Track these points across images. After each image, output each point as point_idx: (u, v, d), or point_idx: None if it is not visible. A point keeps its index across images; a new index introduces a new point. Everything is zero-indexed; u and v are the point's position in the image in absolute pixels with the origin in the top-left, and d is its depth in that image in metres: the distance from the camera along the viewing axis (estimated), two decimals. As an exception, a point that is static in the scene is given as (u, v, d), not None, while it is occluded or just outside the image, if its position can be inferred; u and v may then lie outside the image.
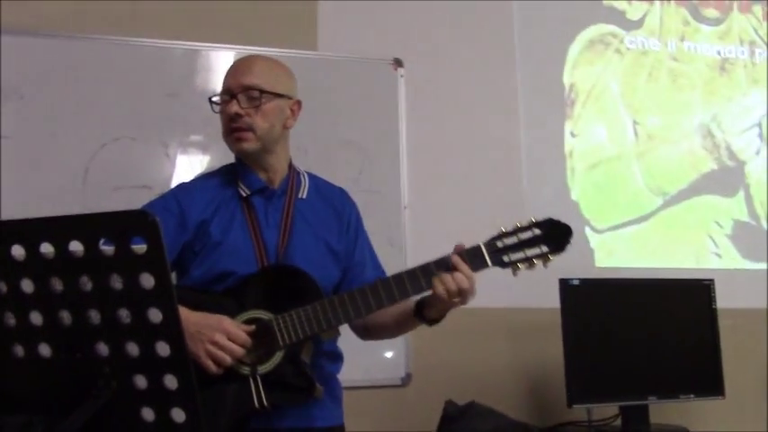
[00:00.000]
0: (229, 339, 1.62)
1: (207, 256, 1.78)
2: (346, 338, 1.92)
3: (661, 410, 2.80)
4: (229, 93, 1.81)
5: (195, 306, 1.65)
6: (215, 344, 1.60)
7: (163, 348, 0.99)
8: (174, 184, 2.27)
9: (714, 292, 2.83)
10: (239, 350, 1.63)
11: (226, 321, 1.64)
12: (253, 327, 1.67)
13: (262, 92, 1.79)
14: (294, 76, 1.91)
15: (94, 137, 2.70)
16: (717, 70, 3.50)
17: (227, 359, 1.61)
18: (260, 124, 1.79)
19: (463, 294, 1.68)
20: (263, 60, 1.87)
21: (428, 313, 1.75)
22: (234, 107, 1.78)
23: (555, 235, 1.73)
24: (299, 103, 1.90)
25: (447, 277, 1.67)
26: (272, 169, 1.86)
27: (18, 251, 1.00)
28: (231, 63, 1.90)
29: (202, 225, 1.79)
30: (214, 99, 1.86)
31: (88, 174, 2.67)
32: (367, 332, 1.94)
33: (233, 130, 1.80)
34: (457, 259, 1.69)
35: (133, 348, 1.01)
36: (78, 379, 1.02)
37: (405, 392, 2.85)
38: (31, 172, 2.62)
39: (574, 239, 1.79)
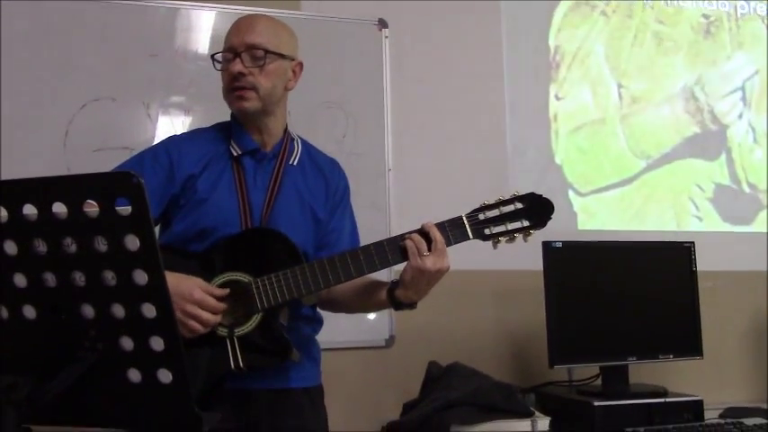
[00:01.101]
0: (201, 308, 1.62)
1: (190, 212, 1.77)
2: (331, 301, 1.93)
3: (640, 370, 2.84)
4: (233, 51, 1.78)
5: (172, 268, 1.64)
6: (186, 314, 1.60)
7: (149, 310, 0.99)
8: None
9: (694, 255, 2.85)
10: (211, 318, 1.63)
11: (197, 291, 1.63)
12: (227, 290, 1.67)
13: (266, 52, 1.77)
14: (296, 36, 1.89)
15: (74, 98, 2.66)
16: (701, 33, 3.50)
17: (199, 328, 1.62)
18: (263, 84, 1.78)
19: (437, 254, 1.68)
20: (267, 19, 1.85)
21: (399, 294, 1.74)
22: (237, 66, 1.76)
23: (537, 209, 1.75)
24: (300, 64, 1.89)
25: (414, 234, 1.70)
26: (268, 132, 1.85)
27: (0, 213, 0.99)
28: (234, 21, 1.86)
29: (190, 179, 1.78)
30: (217, 56, 1.82)
31: (68, 135, 2.64)
32: (326, 304, 1.94)
33: (235, 88, 1.78)
34: (429, 224, 1.71)
35: (119, 310, 1.00)
36: (64, 340, 1.02)
37: (388, 353, 2.87)
38: (11, 133, 2.58)
39: (557, 203, 1.80)
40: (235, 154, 1.82)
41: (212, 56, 1.83)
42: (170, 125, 2.74)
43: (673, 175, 3.36)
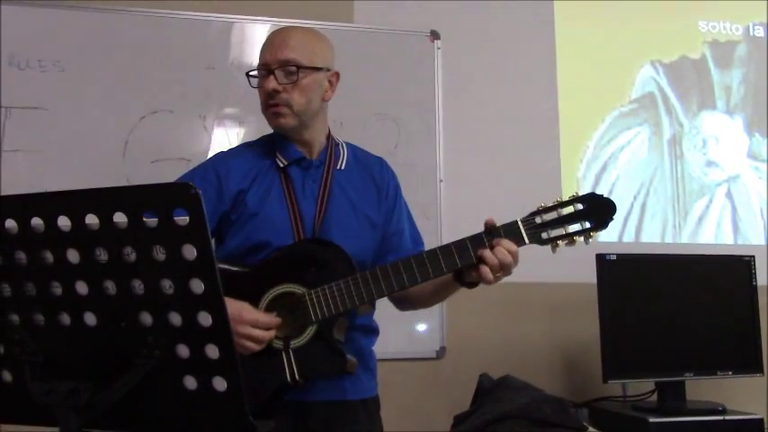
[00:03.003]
0: (253, 327, 1.61)
1: (243, 227, 1.78)
2: (381, 312, 1.93)
3: (698, 387, 2.78)
4: (266, 67, 1.78)
5: (227, 282, 1.65)
6: (239, 335, 1.59)
7: (205, 318, 1.00)
8: (211, 156, 2.29)
9: (755, 269, 2.78)
10: (266, 335, 1.63)
11: (245, 311, 1.62)
12: (275, 314, 1.67)
13: (299, 67, 1.76)
14: (332, 45, 1.88)
15: (133, 110, 2.73)
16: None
17: (254, 347, 1.62)
18: (297, 100, 1.77)
19: (505, 269, 1.65)
20: (300, 33, 1.84)
21: (468, 276, 1.69)
22: (271, 83, 1.76)
23: (598, 210, 1.67)
24: (337, 74, 1.86)
25: (487, 253, 1.63)
26: (311, 142, 1.85)
27: (64, 222, 1.02)
28: (267, 35, 1.87)
29: (239, 195, 1.79)
30: (251, 73, 1.83)
31: (128, 146, 2.71)
32: (402, 303, 1.93)
33: (270, 106, 1.79)
34: (502, 243, 1.64)
35: (176, 318, 1.02)
36: (123, 347, 1.04)
37: (439, 365, 2.86)
38: (72, 144, 2.66)
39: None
40: (281, 165, 1.83)
41: (247, 73, 1.83)
42: (225, 136, 2.79)
43: (733, 186, 3.29)
